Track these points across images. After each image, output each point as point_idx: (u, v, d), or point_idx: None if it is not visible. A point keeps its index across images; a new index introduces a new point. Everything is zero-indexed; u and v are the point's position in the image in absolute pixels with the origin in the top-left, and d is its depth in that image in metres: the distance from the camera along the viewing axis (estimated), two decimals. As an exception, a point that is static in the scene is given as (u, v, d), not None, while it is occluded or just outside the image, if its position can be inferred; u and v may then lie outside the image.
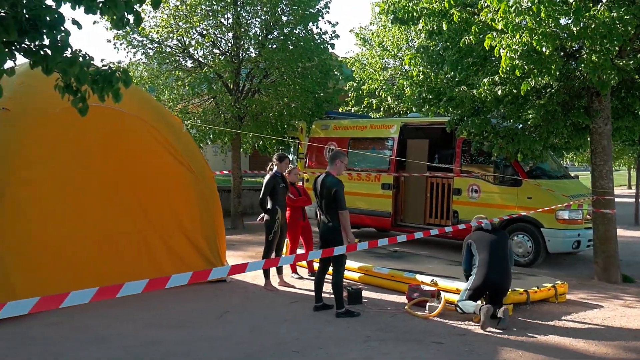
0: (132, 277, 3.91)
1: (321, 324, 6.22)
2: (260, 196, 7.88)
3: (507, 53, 7.13)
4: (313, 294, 6.98)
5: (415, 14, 8.29)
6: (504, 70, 7.36)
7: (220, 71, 12.62)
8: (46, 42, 3.27)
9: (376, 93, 18.06)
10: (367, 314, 6.61)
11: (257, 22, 13.43)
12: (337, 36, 14.26)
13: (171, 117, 8.92)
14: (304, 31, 13.51)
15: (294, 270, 8.69)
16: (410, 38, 16.50)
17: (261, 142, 14.44)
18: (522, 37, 6.94)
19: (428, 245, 11.64)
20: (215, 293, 7.48)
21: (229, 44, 13.45)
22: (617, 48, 7.08)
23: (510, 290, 6.54)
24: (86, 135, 7.19)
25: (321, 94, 14.13)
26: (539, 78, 7.58)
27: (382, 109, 18.30)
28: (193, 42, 13.17)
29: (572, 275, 8.98)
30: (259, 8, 13.03)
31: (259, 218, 8.16)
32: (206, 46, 13.30)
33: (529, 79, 7.62)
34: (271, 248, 7.88)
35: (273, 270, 8.06)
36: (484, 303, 6.25)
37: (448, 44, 9.18)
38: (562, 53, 7.76)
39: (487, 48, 7.27)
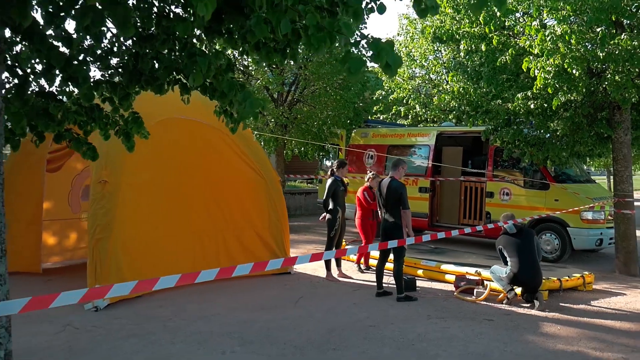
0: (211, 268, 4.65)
1: (386, 306, 7.36)
2: (324, 198, 9.02)
3: (541, 74, 8.23)
4: (369, 283, 8.10)
5: (457, 36, 9.39)
6: (538, 87, 8.45)
7: (270, 84, 13.79)
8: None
9: (404, 101, 19.14)
10: (423, 299, 7.74)
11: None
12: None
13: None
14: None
15: (366, 264, 9.75)
16: (436, 49, 17.59)
17: (303, 148, 15.56)
18: (555, 60, 8.04)
19: (463, 243, 12.74)
20: (284, 284, 8.59)
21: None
22: (637, 70, 8.15)
23: (545, 278, 7.63)
24: (174, 145, 8.34)
25: (360, 104, 15.24)
26: (568, 94, 8.69)
27: (410, 116, 19.37)
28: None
29: (596, 269, 9.99)
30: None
31: (321, 217, 9.31)
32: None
33: (559, 95, 8.72)
34: (332, 243, 9.01)
35: (333, 263, 9.20)
36: (512, 289, 7.39)
37: (483, 61, 10.29)
38: (588, 73, 8.82)
39: (524, 69, 8.36)
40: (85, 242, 10.31)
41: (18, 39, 3.24)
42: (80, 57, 3.43)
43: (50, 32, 3.06)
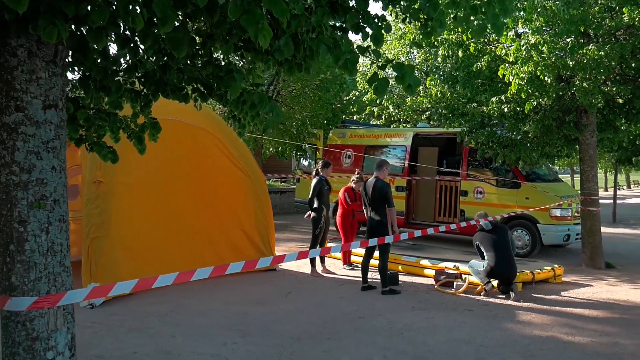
0: (200, 266, 4.82)
1: (371, 299, 7.78)
2: (309, 197, 9.41)
3: (516, 80, 8.76)
4: (354, 278, 8.52)
5: (436, 43, 9.88)
6: (512, 92, 8.98)
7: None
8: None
9: (377, 102, 19.64)
10: (405, 292, 8.19)
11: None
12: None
13: (228, 128, 10.36)
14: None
15: (347, 262, 10.11)
16: (408, 51, 18.13)
17: (280, 148, 15.91)
18: (529, 67, 8.57)
19: (440, 239, 13.25)
20: (272, 280, 8.94)
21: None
22: (603, 77, 8.74)
23: (519, 271, 8.16)
24: (164, 145, 8.56)
25: (338, 105, 15.66)
26: (540, 99, 9.26)
27: (383, 116, 19.88)
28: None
29: (564, 263, 10.58)
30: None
31: (306, 215, 9.69)
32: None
33: (532, 100, 9.27)
34: (317, 241, 9.41)
35: (318, 260, 9.59)
36: (489, 281, 7.90)
37: (459, 66, 10.81)
38: (558, 80, 9.39)
39: (499, 75, 8.88)
40: (70, 241, 10.51)
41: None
42: (113, 68, 3.74)
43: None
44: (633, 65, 9.20)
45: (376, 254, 8.31)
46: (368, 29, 3.08)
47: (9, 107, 2.69)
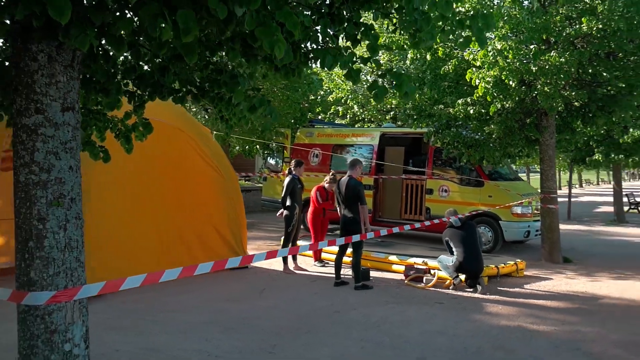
0: (173, 266, 4.84)
1: (345, 294, 8.06)
2: (282, 195, 9.62)
3: (482, 83, 9.16)
4: (325, 275, 8.77)
5: (405, 46, 10.21)
6: (479, 95, 9.38)
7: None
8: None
9: (342, 101, 19.94)
10: (377, 287, 8.49)
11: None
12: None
13: (202, 127, 10.49)
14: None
15: (318, 259, 10.33)
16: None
17: (247, 147, 16.05)
18: (494, 72, 8.98)
19: (407, 236, 13.64)
20: (245, 277, 9.08)
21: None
22: (563, 82, 9.22)
23: (485, 266, 8.57)
24: (141, 144, 8.64)
25: (306, 104, 15.88)
26: (504, 102, 9.69)
27: (348, 116, 20.20)
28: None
29: (524, 258, 11.00)
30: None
31: (278, 213, 9.90)
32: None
33: (496, 103, 9.70)
34: (289, 238, 9.63)
35: (290, 257, 9.81)
36: (458, 276, 8.28)
37: (425, 68, 11.18)
38: (521, 84, 9.84)
39: (467, 79, 9.27)
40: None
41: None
42: (112, 71, 3.90)
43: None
44: (590, 71, 9.72)
45: (349, 250, 8.59)
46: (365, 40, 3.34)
47: (29, 109, 2.83)
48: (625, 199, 21.02)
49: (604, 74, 9.51)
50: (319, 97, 20.69)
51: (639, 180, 58.83)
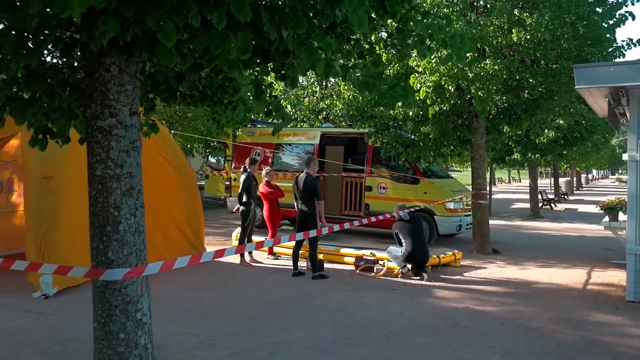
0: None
1: (304, 284, 8.63)
2: (239, 192, 10.05)
3: (424, 87, 9.96)
4: (280, 266, 9.30)
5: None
6: (421, 98, 10.18)
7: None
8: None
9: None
10: (332, 277, 9.11)
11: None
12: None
13: (160, 126, 10.69)
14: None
15: (271, 252, 10.81)
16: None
17: (189, 145, 16.27)
18: (435, 77, 9.81)
19: (346, 231, 14.30)
20: (207, 269, 9.33)
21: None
22: (495, 88, 10.18)
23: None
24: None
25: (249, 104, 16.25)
26: (442, 105, 10.56)
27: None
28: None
29: (457, 250, 12.02)
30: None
31: (234, 209, 10.32)
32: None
33: (435, 105, 10.55)
34: (246, 233, 10.08)
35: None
36: (405, 265, 9.04)
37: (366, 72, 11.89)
38: (457, 89, 10.74)
39: (410, 84, 10.04)
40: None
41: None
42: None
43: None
44: (517, 77, 10.76)
45: (305, 243, 9.16)
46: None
47: (104, 113, 3.23)
48: (539, 196, 22.72)
49: (530, 80, 10.55)
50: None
51: (546, 179, 62.94)
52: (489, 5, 10.61)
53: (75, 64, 3.79)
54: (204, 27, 2.90)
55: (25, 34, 2.99)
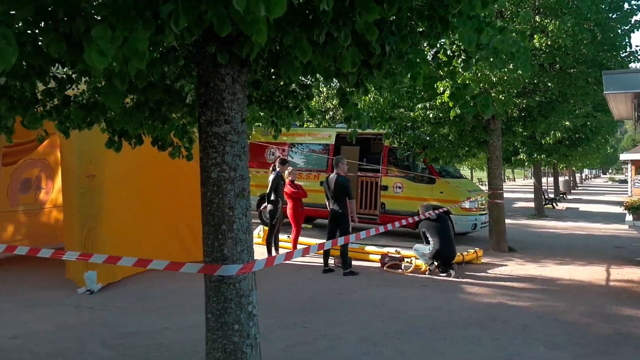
0: (165, 255, 5.37)
1: (337, 280, 8.89)
2: (267, 191, 10.30)
3: (448, 91, 10.22)
4: (306, 264, 9.57)
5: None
6: (444, 100, 10.42)
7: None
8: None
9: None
10: (361, 273, 9.39)
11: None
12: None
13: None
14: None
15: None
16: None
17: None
18: (460, 81, 10.09)
19: (360, 228, 14.58)
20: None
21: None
22: (516, 91, 10.50)
23: (453, 254, 9.69)
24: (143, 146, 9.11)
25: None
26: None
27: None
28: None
29: (477, 248, 12.38)
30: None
31: (262, 207, 10.56)
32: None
33: (456, 108, 10.82)
34: (274, 231, 10.33)
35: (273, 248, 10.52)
36: (433, 262, 9.34)
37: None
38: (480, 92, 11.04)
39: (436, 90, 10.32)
40: (21, 234, 10.57)
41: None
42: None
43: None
44: (535, 81, 11.09)
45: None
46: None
47: (219, 120, 3.47)
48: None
49: (549, 84, 10.89)
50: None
51: (543, 178, 63.73)
52: (510, 12, 10.94)
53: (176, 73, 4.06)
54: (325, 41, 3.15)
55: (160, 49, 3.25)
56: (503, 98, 10.40)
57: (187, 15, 2.27)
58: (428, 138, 12.54)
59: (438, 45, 4.30)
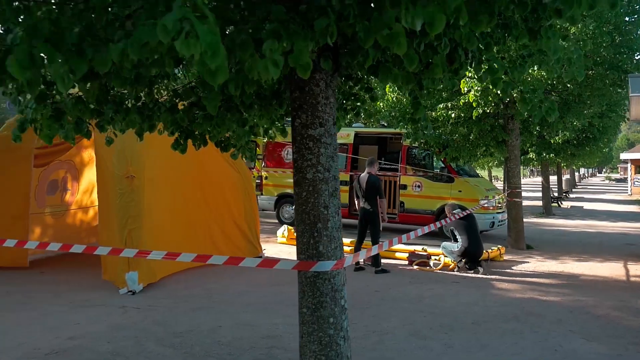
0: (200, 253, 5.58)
1: (370, 278, 9.12)
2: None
3: (472, 91, 10.51)
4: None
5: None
6: (470, 100, 10.72)
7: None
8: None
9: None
10: (392, 271, 9.62)
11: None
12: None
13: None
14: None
15: None
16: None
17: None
18: (484, 82, 10.33)
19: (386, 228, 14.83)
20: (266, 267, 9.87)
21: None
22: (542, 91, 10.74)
23: (478, 251, 9.94)
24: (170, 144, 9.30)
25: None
26: (485, 108, 11.12)
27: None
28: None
29: (500, 245, 12.63)
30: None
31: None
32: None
33: (479, 108, 11.11)
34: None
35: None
36: (461, 260, 9.59)
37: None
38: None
39: (460, 88, 10.58)
40: (48, 236, 10.73)
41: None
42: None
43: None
44: (554, 82, 11.36)
45: (367, 240, 9.67)
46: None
47: (314, 123, 3.69)
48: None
49: (568, 85, 11.15)
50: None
51: (540, 177, 64.21)
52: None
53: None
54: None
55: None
56: (527, 97, 10.62)
57: (338, 29, 2.49)
58: (447, 137, 12.78)
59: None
